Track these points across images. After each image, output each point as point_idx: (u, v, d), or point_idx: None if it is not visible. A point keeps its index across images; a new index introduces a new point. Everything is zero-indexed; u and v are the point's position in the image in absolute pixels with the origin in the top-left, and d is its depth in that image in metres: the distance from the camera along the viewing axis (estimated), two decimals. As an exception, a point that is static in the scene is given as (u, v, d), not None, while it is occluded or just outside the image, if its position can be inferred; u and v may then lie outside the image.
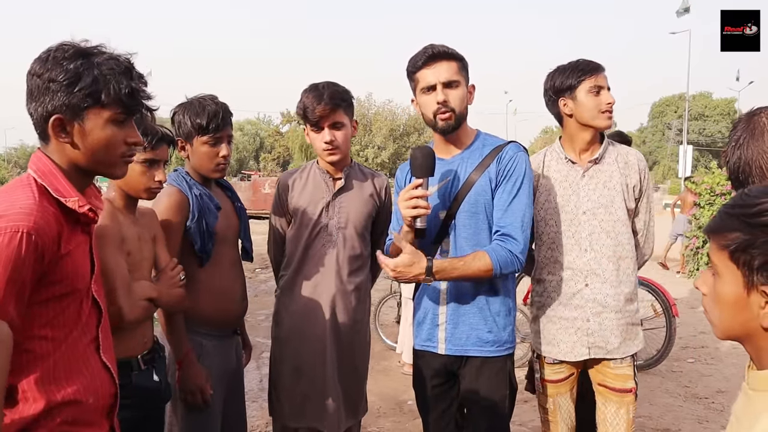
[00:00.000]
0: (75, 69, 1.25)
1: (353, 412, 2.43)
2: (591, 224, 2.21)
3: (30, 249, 1.16)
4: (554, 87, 2.26)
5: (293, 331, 2.36)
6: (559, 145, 2.33)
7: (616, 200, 2.21)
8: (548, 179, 2.29)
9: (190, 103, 2.14)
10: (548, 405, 2.32)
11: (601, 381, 2.28)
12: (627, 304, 2.22)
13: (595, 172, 2.24)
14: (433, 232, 2.06)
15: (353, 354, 2.40)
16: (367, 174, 2.51)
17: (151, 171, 1.86)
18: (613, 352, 2.21)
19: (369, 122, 43.98)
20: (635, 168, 2.25)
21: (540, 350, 2.31)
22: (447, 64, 1.99)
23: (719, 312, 0.99)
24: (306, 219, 2.37)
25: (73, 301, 1.29)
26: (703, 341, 5.69)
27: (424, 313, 2.13)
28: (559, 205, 2.25)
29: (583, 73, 2.19)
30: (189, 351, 2.05)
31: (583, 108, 2.20)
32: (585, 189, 2.23)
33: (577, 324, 2.22)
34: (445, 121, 2.01)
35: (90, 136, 1.29)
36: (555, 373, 2.30)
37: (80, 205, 1.28)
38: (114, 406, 1.41)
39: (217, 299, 2.16)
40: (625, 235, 2.22)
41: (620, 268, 2.21)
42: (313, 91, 2.30)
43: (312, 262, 2.37)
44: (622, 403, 2.24)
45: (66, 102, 1.25)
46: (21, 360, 1.21)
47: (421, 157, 1.91)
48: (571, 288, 2.22)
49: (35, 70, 1.26)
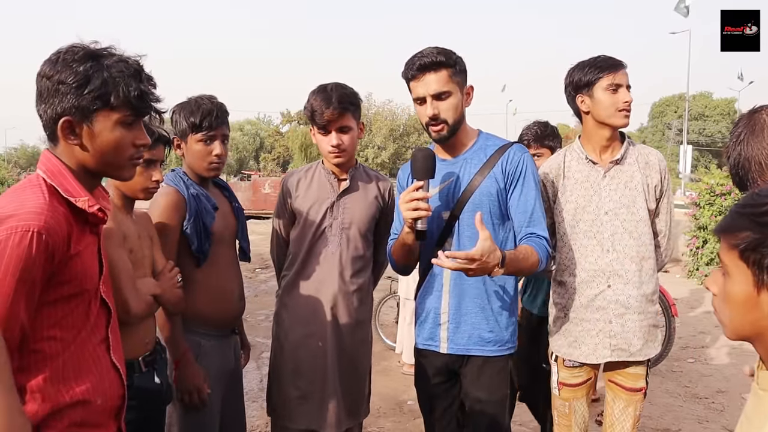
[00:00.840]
0: (84, 71, 1.25)
1: (354, 414, 2.42)
2: (613, 225, 2.19)
3: (40, 249, 1.16)
4: (573, 83, 2.23)
5: (294, 331, 2.36)
6: (579, 144, 2.30)
7: (638, 200, 2.20)
8: (569, 180, 2.27)
9: (187, 102, 2.16)
10: (564, 409, 2.30)
11: (613, 378, 2.27)
12: (649, 305, 2.20)
13: (617, 172, 2.23)
14: (436, 232, 2.07)
15: (354, 355, 2.40)
16: (371, 176, 2.51)
17: (148, 171, 1.88)
18: (635, 355, 2.18)
19: (369, 122, 43.99)
20: (656, 168, 2.23)
21: (560, 352, 2.29)
22: (436, 76, 1.97)
23: (729, 312, 0.99)
24: (310, 219, 2.37)
25: (81, 301, 1.30)
26: (703, 341, 5.69)
27: (426, 312, 2.13)
28: (581, 206, 2.23)
29: (601, 70, 2.16)
30: (186, 350, 2.05)
31: (600, 106, 2.17)
32: (606, 189, 2.22)
33: (599, 326, 2.19)
34: (438, 132, 2.02)
35: (99, 138, 1.30)
36: (573, 377, 2.28)
37: (90, 205, 1.29)
38: (122, 408, 1.42)
39: (214, 299, 2.17)
40: (647, 235, 2.20)
41: (643, 268, 2.19)
42: (322, 93, 2.28)
43: (315, 262, 2.36)
44: (630, 401, 2.24)
45: (75, 104, 1.26)
46: (29, 360, 1.22)
47: (421, 159, 1.92)
48: (593, 289, 2.20)
49: (45, 72, 1.27)
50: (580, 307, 2.23)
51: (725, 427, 3.80)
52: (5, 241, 1.14)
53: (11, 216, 1.17)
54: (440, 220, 2.07)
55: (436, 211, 2.06)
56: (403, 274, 2.31)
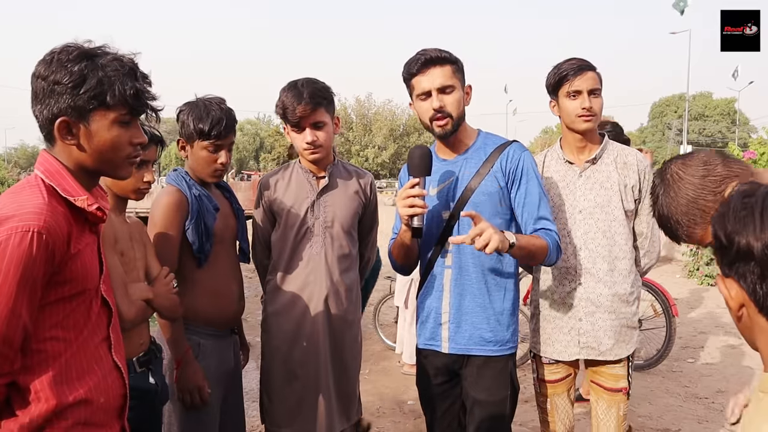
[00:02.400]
0: (80, 71, 1.25)
1: (346, 415, 2.39)
2: (587, 223, 2.22)
3: (41, 249, 1.16)
4: (547, 88, 2.28)
5: (285, 336, 2.32)
6: (559, 145, 2.35)
7: (614, 200, 2.21)
8: (547, 179, 2.31)
9: (196, 104, 2.12)
10: (546, 405, 2.34)
11: (594, 378, 2.31)
12: (622, 305, 2.22)
13: (592, 172, 2.25)
14: (436, 232, 2.07)
15: (346, 355, 2.38)
16: (351, 171, 2.46)
17: (140, 172, 1.86)
18: (605, 354, 2.21)
19: (369, 122, 43.99)
20: (634, 168, 2.23)
21: (536, 349, 2.33)
22: (441, 69, 1.98)
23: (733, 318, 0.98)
24: (291, 220, 2.33)
25: (83, 301, 1.30)
26: (703, 341, 5.69)
27: (427, 311, 2.13)
28: (556, 206, 2.27)
29: (562, 78, 2.19)
30: (188, 350, 2.05)
31: (563, 111, 2.23)
32: (582, 189, 2.25)
33: (570, 323, 2.24)
34: (442, 127, 2.02)
35: (96, 137, 1.29)
36: (552, 373, 2.31)
37: (89, 204, 1.29)
38: (124, 407, 1.42)
39: (214, 299, 2.16)
40: (622, 235, 2.22)
41: (616, 268, 2.20)
42: (292, 89, 2.23)
43: (301, 264, 2.32)
44: (612, 402, 2.26)
45: (71, 104, 1.25)
46: (33, 361, 1.22)
47: (417, 156, 1.92)
48: (565, 287, 2.24)
49: (40, 73, 1.26)
50: (552, 304, 2.27)
51: (725, 427, 3.80)
52: (6, 241, 1.14)
53: (11, 217, 1.17)
54: (440, 220, 2.07)
55: (436, 211, 2.07)
56: (403, 274, 2.31)
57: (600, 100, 2.21)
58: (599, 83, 2.20)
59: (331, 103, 2.32)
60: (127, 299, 1.68)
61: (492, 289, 2.05)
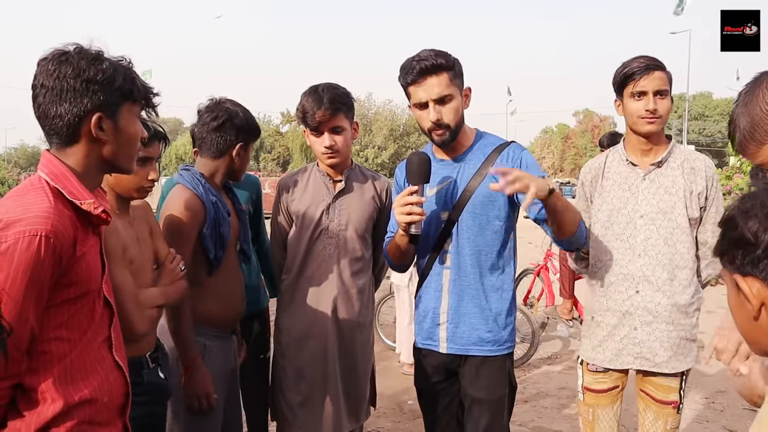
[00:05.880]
0: (107, 68, 1.30)
1: (355, 416, 2.41)
2: (648, 229, 2.11)
3: (48, 252, 1.17)
4: (613, 86, 2.19)
5: (295, 335, 2.36)
6: (622, 146, 2.24)
7: (677, 207, 2.10)
8: (608, 181, 2.22)
9: (236, 112, 2.14)
10: (588, 416, 2.24)
11: (643, 387, 2.21)
12: (681, 316, 2.11)
13: (657, 175, 2.15)
14: (435, 233, 2.07)
15: (356, 357, 2.39)
16: (368, 176, 2.49)
17: (144, 169, 1.81)
18: (660, 366, 2.11)
19: (369, 122, 43.99)
20: (702, 174, 2.12)
21: (584, 355, 2.25)
22: (437, 79, 1.93)
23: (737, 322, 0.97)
24: (307, 221, 2.36)
25: (87, 302, 1.31)
26: (702, 341, 5.69)
27: (425, 311, 2.13)
28: (616, 208, 2.17)
29: (627, 77, 2.10)
30: (197, 356, 2.03)
31: (627, 111, 2.14)
32: (644, 193, 2.14)
33: (624, 331, 2.14)
34: (440, 137, 2.01)
35: (124, 131, 1.35)
36: (597, 382, 2.23)
37: (95, 207, 1.30)
38: (126, 406, 1.43)
39: (221, 300, 2.17)
40: (684, 243, 2.10)
41: (676, 277, 2.10)
42: (313, 94, 2.27)
43: (314, 265, 2.36)
44: (660, 414, 2.16)
45: (106, 100, 1.30)
46: (39, 362, 1.23)
47: (416, 163, 1.92)
48: (622, 294, 2.14)
49: (66, 73, 1.27)
50: (606, 310, 2.18)
51: (725, 427, 3.80)
52: (14, 245, 1.15)
53: (18, 220, 1.17)
54: (438, 222, 2.07)
55: (434, 213, 2.06)
56: (399, 272, 2.32)
57: (667, 102, 2.09)
58: (667, 83, 2.09)
59: (351, 109, 2.35)
60: (140, 313, 1.65)
61: (490, 290, 2.05)
